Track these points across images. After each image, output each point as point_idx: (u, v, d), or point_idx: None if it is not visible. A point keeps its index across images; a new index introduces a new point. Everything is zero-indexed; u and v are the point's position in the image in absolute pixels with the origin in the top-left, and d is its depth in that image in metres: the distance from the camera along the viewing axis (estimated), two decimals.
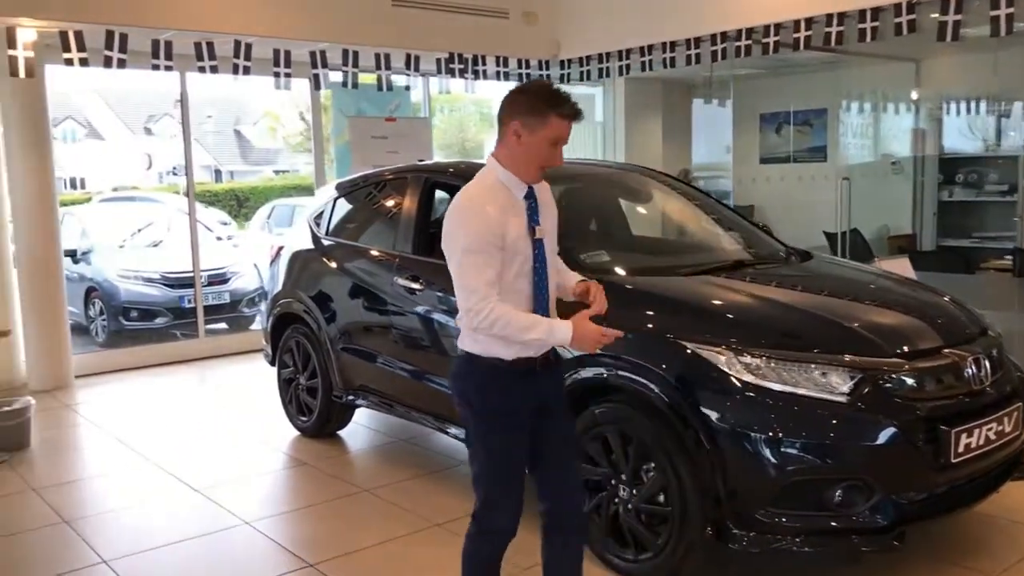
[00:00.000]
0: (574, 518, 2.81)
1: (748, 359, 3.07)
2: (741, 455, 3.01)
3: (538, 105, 2.49)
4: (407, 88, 9.07)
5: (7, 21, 5.89)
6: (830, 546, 3.03)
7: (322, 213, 5.39)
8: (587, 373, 3.47)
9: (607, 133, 10.67)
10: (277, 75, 7.07)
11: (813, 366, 3.04)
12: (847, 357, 3.07)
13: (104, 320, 9.28)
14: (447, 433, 4.36)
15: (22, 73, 5.97)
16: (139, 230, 10.26)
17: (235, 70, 6.81)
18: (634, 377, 3.28)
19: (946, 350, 3.23)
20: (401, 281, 4.42)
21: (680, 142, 10.92)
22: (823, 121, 10.29)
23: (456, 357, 2.70)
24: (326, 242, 5.24)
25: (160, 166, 30.86)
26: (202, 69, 6.71)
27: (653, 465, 3.28)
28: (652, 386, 3.21)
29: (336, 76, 7.83)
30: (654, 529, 3.30)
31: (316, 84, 7.74)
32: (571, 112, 2.52)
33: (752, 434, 2.99)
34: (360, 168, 8.10)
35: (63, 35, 6.05)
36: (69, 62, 6.10)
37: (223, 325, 9.28)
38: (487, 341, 2.56)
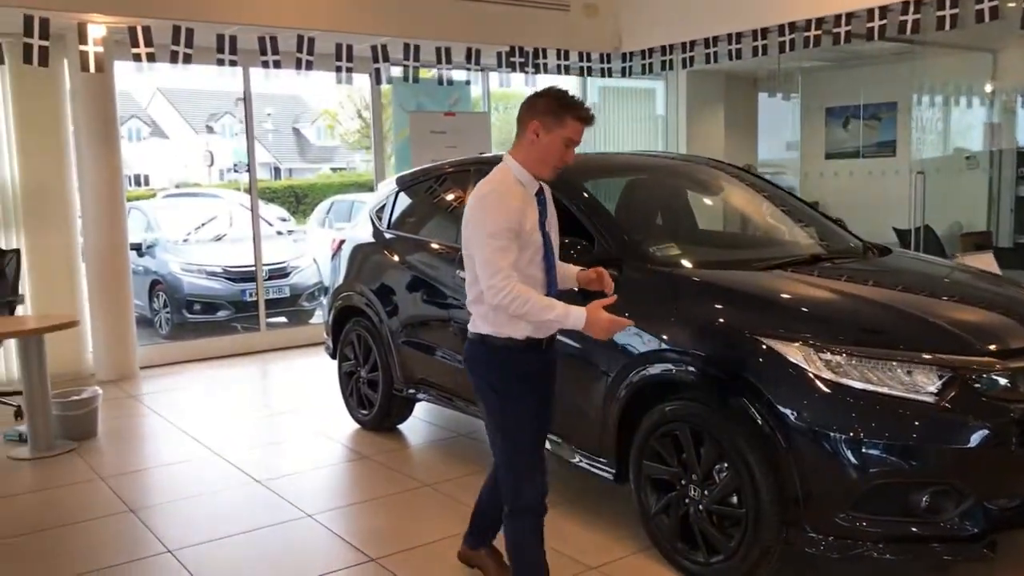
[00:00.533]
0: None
1: (828, 356, 2.93)
2: (821, 456, 2.88)
3: (556, 108, 2.74)
4: (467, 83, 9.03)
5: (78, 17, 5.99)
6: (915, 554, 2.88)
7: (384, 206, 5.37)
8: (656, 369, 3.37)
9: (668, 127, 10.51)
10: (339, 70, 7.07)
11: (897, 364, 2.89)
12: (934, 355, 2.91)
13: (168, 313, 9.44)
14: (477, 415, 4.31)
15: (92, 68, 6.06)
16: (202, 225, 10.41)
17: (298, 65, 6.84)
18: (708, 373, 3.17)
19: None
20: (462, 274, 4.35)
21: (743, 137, 10.70)
22: (892, 115, 9.99)
23: (469, 341, 2.91)
24: (387, 235, 5.22)
25: (221, 163, 31.45)
26: (265, 64, 6.75)
27: (726, 465, 3.17)
28: (727, 383, 3.10)
29: (397, 71, 7.82)
30: (726, 531, 3.19)
31: (377, 79, 7.74)
32: (586, 115, 2.77)
33: (833, 434, 2.85)
34: (420, 163, 8.15)
35: (131, 30, 6.14)
36: (137, 57, 6.18)
37: (283, 319, 9.37)
38: (500, 323, 2.78)
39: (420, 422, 5.48)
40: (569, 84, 9.82)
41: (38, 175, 6.77)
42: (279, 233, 11.02)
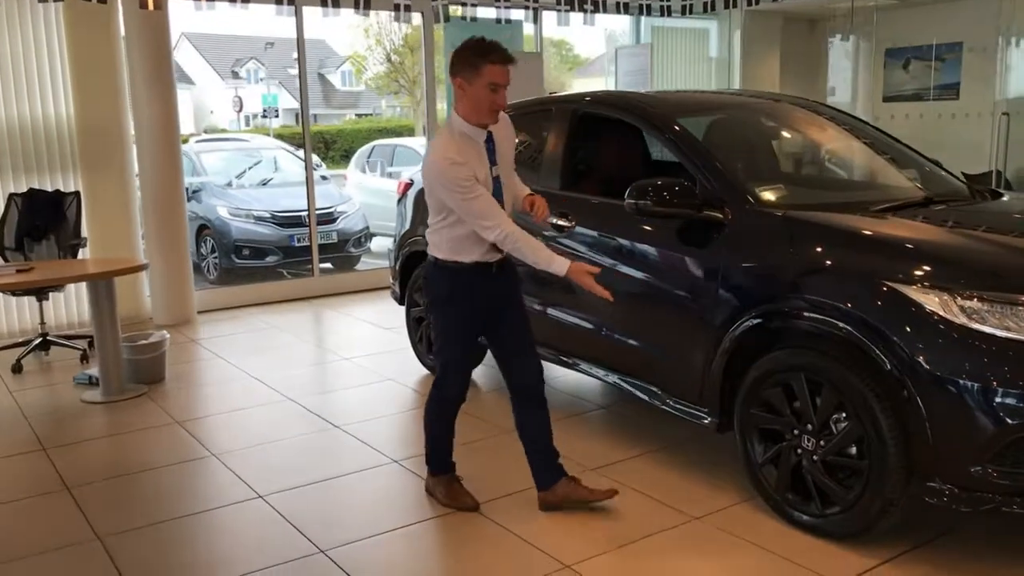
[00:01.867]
0: (538, 390, 3.41)
1: (966, 302, 2.78)
2: (958, 407, 2.75)
3: (471, 58, 3.00)
4: (517, 21, 8.78)
5: None
6: None
7: None
8: (770, 316, 3.23)
9: (721, 69, 10.22)
10: (396, 8, 6.87)
11: None
12: None
13: (216, 258, 9.39)
14: (578, 369, 4.27)
15: (150, 5, 5.90)
16: (248, 169, 10.29)
17: (356, 5, 6.63)
18: (832, 321, 3.03)
19: None
20: (549, 219, 4.21)
21: (799, 79, 10.37)
22: (957, 55, 9.62)
23: (428, 263, 3.32)
24: None
25: (249, 109, 31.24)
26: (324, 3, 6.55)
27: (844, 415, 3.05)
28: (854, 331, 2.96)
29: (455, 10, 7.59)
30: (843, 483, 3.09)
31: (436, 17, 7.52)
32: (500, 58, 2.99)
33: (973, 384, 2.72)
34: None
35: None
36: None
37: (329, 265, 9.28)
38: (450, 250, 3.19)
39: (492, 368, 5.39)
40: (622, 23, 9.55)
41: (94, 117, 6.66)
42: (323, 178, 10.89)
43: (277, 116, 30.26)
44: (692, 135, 3.81)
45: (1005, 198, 3.82)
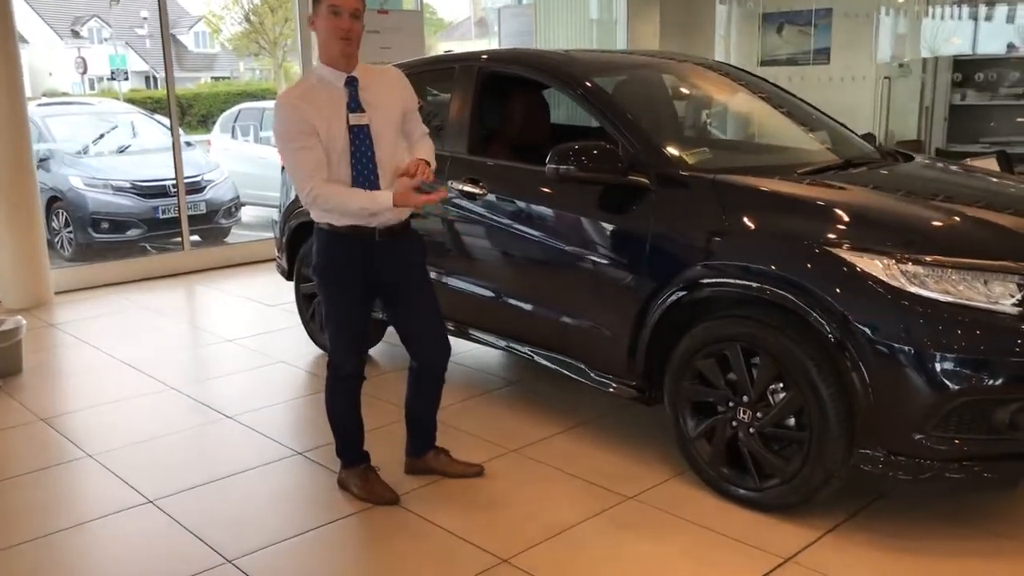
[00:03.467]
0: (442, 366, 3.29)
1: (910, 267, 2.72)
2: (901, 374, 2.69)
3: None
4: None
5: None
6: (994, 472, 2.75)
7: None
8: (702, 285, 3.10)
9: (601, 31, 10.11)
10: None
11: (978, 274, 2.71)
12: (1017, 263, 2.74)
13: (70, 232, 8.60)
14: (485, 343, 4.08)
15: None
16: (103, 135, 9.44)
17: None
18: (771, 288, 2.92)
19: None
20: (457, 185, 3.95)
21: (679, 43, 10.38)
22: (828, 21, 9.87)
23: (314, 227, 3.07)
24: None
25: (95, 71, 29.11)
26: None
27: (782, 385, 2.96)
28: (794, 299, 2.85)
29: None
30: (780, 454, 3.01)
31: None
32: None
33: (917, 351, 2.66)
34: None
35: None
36: None
37: (197, 238, 8.65)
38: (322, 212, 2.95)
39: (392, 347, 5.10)
40: None
41: None
42: (187, 144, 10.15)
43: (127, 79, 28.33)
44: (610, 95, 3.62)
45: (918, 160, 3.82)
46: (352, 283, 3.05)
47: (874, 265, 2.75)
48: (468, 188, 3.92)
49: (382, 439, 3.59)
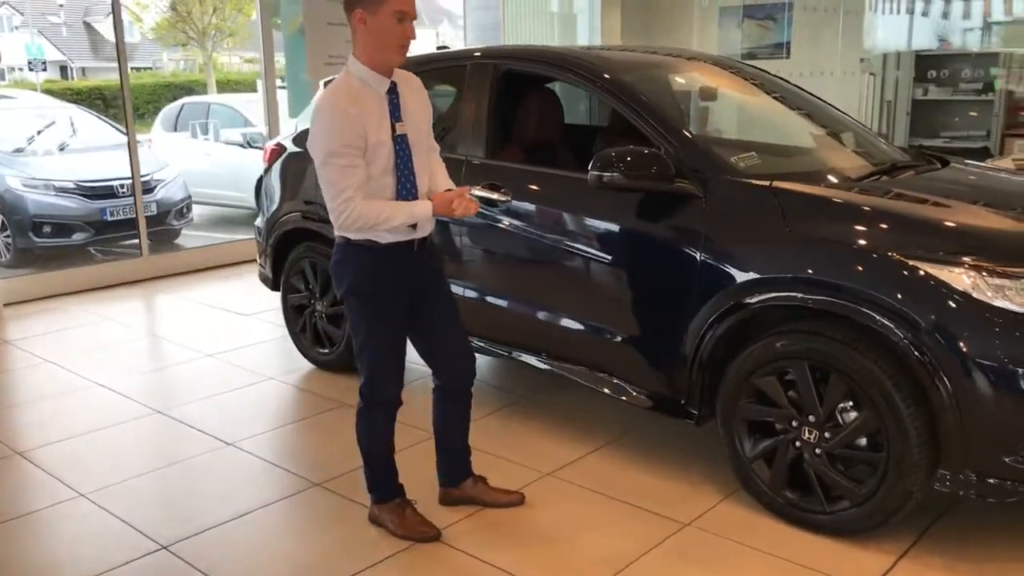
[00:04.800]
0: (470, 381, 3.07)
1: (996, 279, 2.59)
2: (993, 392, 2.56)
3: None
4: None
5: None
6: None
7: None
8: (763, 299, 2.93)
9: (562, 24, 9.91)
10: None
11: None
12: None
13: (7, 237, 8.02)
14: (514, 359, 3.81)
15: None
16: (39, 132, 8.84)
17: None
18: (841, 303, 2.76)
19: None
20: (476, 192, 3.70)
21: (641, 37, 10.28)
22: (787, 15, 9.87)
23: (335, 246, 2.83)
24: None
25: (9, 60, 27.66)
26: None
27: (850, 404, 2.82)
28: (870, 314, 2.70)
29: None
30: (852, 476, 2.86)
31: None
32: None
33: (1008, 368, 2.54)
34: (317, 59, 7.17)
35: None
36: None
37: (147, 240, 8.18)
38: (359, 231, 2.71)
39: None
40: None
41: None
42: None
43: (44, 69, 27.00)
44: (649, 98, 3.41)
45: (953, 163, 3.72)
46: (397, 302, 2.84)
47: (958, 278, 2.62)
48: (489, 195, 3.67)
49: (403, 465, 3.31)
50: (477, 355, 3.64)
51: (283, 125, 7.33)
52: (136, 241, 7.05)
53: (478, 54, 4.01)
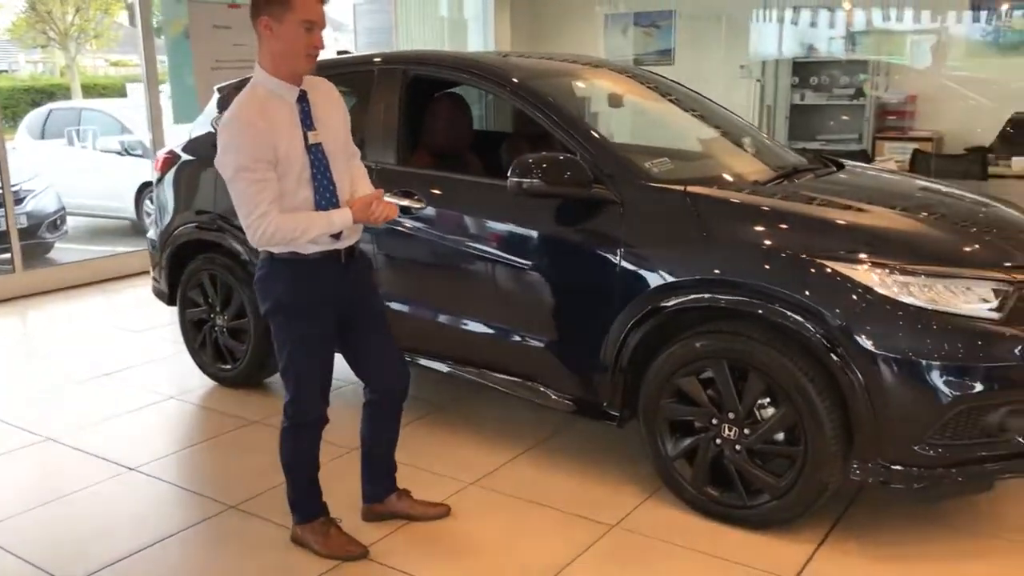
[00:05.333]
0: (403, 392, 3.00)
1: (902, 277, 2.73)
2: (903, 384, 2.69)
3: None
4: None
5: None
6: (979, 475, 2.82)
7: None
8: (683, 301, 2.99)
9: (452, 29, 9.90)
10: None
11: (964, 281, 2.76)
12: (999, 270, 2.82)
13: None
14: (425, 367, 3.77)
15: None
16: None
17: None
18: (757, 303, 2.85)
19: None
20: (389, 199, 3.64)
21: (530, 42, 10.37)
22: (670, 23, 10.17)
23: (260, 259, 2.73)
24: None
25: None
26: None
27: (767, 401, 2.91)
28: (786, 312, 2.80)
29: None
30: (771, 470, 2.96)
31: None
32: None
33: (917, 360, 2.67)
34: (203, 63, 6.91)
35: None
36: None
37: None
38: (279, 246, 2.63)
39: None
40: None
41: None
42: None
43: None
44: (563, 103, 3.44)
45: (849, 166, 3.89)
46: (324, 316, 2.74)
47: (867, 275, 2.74)
48: (403, 202, 3.61)
49: (323, 480, 3.20)
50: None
51: (167, 132, 7.02)
52: (8, 256, 6.60)
53: (379, 59, 3.94)
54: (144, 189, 8.89)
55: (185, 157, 4.56)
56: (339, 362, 2.89)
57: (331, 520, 2.97)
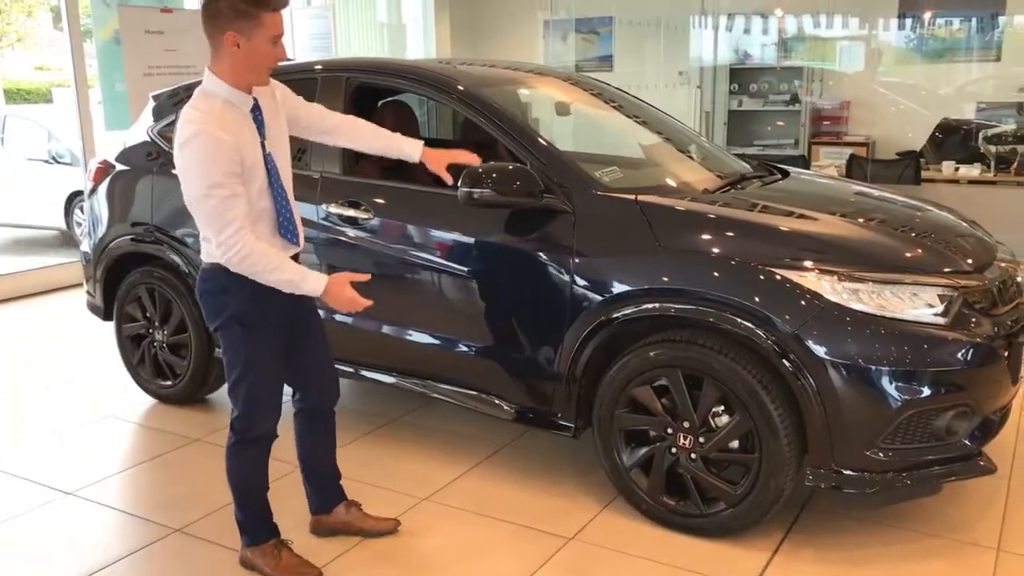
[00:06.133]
0: (335, 400, 2.99)
1: (852, 283, 2.76)
2: (854, 390, 2.72)
3: (245, 8, 2.42)
4: None
5: None
6: (927, 477, 2.87)
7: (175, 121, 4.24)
8: (636, 310, 2.99)
9: (392, 35, 9.81)
10: None
11: (911, 288, 2.81)
12: (946, 276, 2.87)
13: None
14: (371, 380, 3.72)
15: None
16: None
17: None
18: (710, 311, 2.86)
19: (997, 263, 3.16)
20: (335, 209, 3.57)
21: (469, 49, 10.34)
22: (609, 29, 10.23)
23: (204, 269, 2.65)
24: None
25: None
26: None
27: (722, 408, 2.92)
28: (739, 320, 2.81)
29: None
30: (726, 478, 2.97)
31: None
32: (279, 4, 2.48)
33: (868, 366, 2.70)
34: (135, 69, 6.71)
35: None
36: None
37: None
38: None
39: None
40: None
41: None
42: None
43: None
44: (514, 113, 3.41)
45: (794, 173, 3.94)
46: (276, 330, 2.71)
47: (818, 283, 2.77)
48: (349, 212, 3.55)
49: (271, 501, 3.12)
50: (350, 380, 3.55)
51: (99, 139, 6.79)
52: None
53: (321, 67, 3.87)
54: (74, 199, 8.61)
55: (119, 167, 4.40)
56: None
57: (282, 542, 2.89)
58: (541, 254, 3.19)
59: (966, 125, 7.86)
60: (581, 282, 3.09)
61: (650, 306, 2.97)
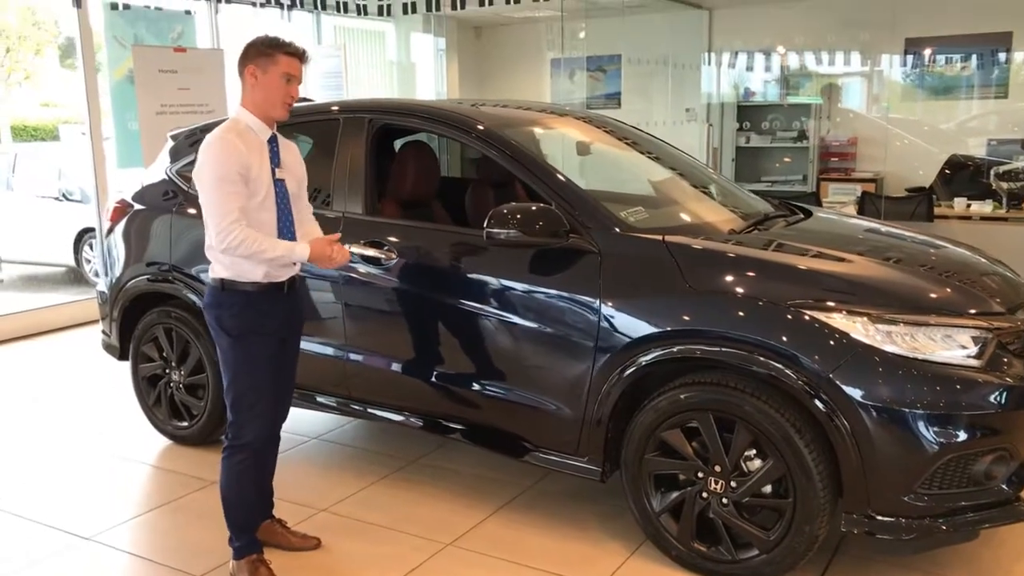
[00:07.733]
0: (279, 430, 3.15)
1: (885, 326, 2.73)
2: (891, 434, 2.68)
3: (266, 48, 2.85)
4: (187, 12, 7.63)
5: None
6: (973, 525, 2.80)
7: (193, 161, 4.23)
8: (666, 353, 2.95)
9: (401, 73, 9.89)
10: None
11: (944, 330, 2.77)
12: (980, 318, 2.84)
13: None
14: (383, 420, 3.71)
15: None
16: None
17: None
18: (741, 354, 2.82)
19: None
20: (356, 249, 3.55)
21: (477, 88, 10.42)
22: (617, 67, 10.31)
23: (208, 286, 2.95)
24: None
25: None
26: None
27: (754, 452, 2.88)
28: (772, 363, 2.77)
29: None
30: (759, 524, 2.91)
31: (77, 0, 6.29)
32: (296, 50, 2.89)
33: (905, 410, 2.66)
34: (148, 106, 6.73)
35: None
36: None
37: None
38: (238, 266, 2.85)
39: None
40: (304, 19, 8.83)
41: None
42: None
43: None
44: (537, 153, 3.41)
45: (817, 213, 3.93)
46: (273, 341, 2.96)
47: (851, 325, 2.74)
48: (371, 252, 3.53)
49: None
50: (367, 421, 3.51)
51: (111, 178, 6.80)
52: None
53: (342, 108, 3.87)
54: (83, 236, 8.61)
55: (137, 206, 4.39)
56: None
57: (262, 559, 3.00)
58: (567, 294, 3.16)
59: (975, 161, 7.88)
60: (608, 323, 3.06)
61: (678, 348, 2.94)
